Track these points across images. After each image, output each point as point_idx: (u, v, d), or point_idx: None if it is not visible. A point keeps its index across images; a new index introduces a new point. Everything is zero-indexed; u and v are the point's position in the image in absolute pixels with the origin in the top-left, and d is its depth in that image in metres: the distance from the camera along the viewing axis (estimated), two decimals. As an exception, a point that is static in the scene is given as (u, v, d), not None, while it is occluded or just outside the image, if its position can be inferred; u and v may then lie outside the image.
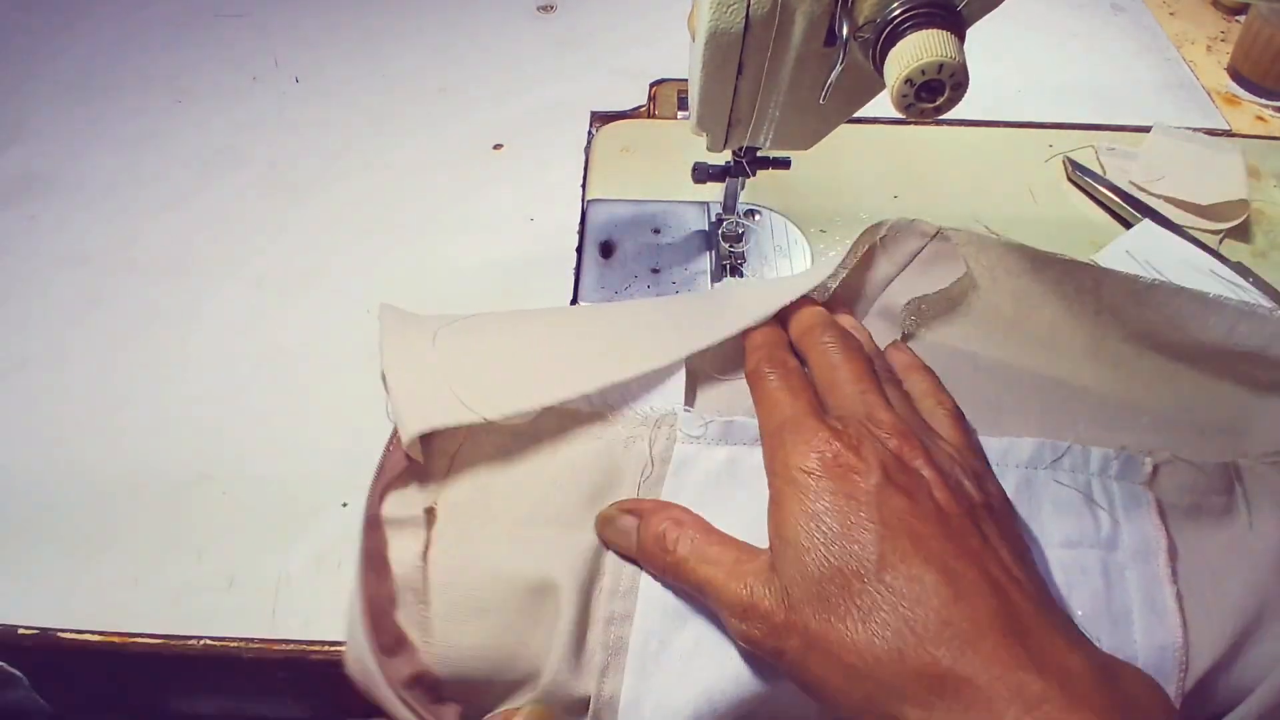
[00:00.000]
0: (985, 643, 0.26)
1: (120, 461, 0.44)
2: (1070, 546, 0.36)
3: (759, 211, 0.55)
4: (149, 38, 0.72)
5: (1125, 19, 0.76)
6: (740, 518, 0.34)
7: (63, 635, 0.38)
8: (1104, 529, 0.36)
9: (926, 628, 0.27)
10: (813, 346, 0.39)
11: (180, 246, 0.55)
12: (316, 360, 0.49)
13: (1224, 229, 0.54)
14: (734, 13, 0.34)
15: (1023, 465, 0.38)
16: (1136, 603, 0.34)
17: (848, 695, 0.28)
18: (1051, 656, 0.26)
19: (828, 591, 0.28)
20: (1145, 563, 0.35)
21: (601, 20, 0.74)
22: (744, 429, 0.38)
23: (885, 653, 0.27)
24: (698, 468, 0.37)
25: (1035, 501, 0.37)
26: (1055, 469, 0.38)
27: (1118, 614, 0.34)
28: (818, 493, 0.31)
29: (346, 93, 0.67)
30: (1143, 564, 0.35)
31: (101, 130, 0.63)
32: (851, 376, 0.37)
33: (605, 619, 0.34)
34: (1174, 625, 0.34)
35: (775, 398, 0.36)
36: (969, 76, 0.31)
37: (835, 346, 0.38)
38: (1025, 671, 0.25)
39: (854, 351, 0.38)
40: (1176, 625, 0.34)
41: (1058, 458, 0.38)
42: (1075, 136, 0.61)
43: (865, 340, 0.42)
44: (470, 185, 0.59)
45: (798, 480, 0.31)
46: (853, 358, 0.38)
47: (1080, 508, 0.37)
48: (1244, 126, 0.64)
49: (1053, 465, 0.38)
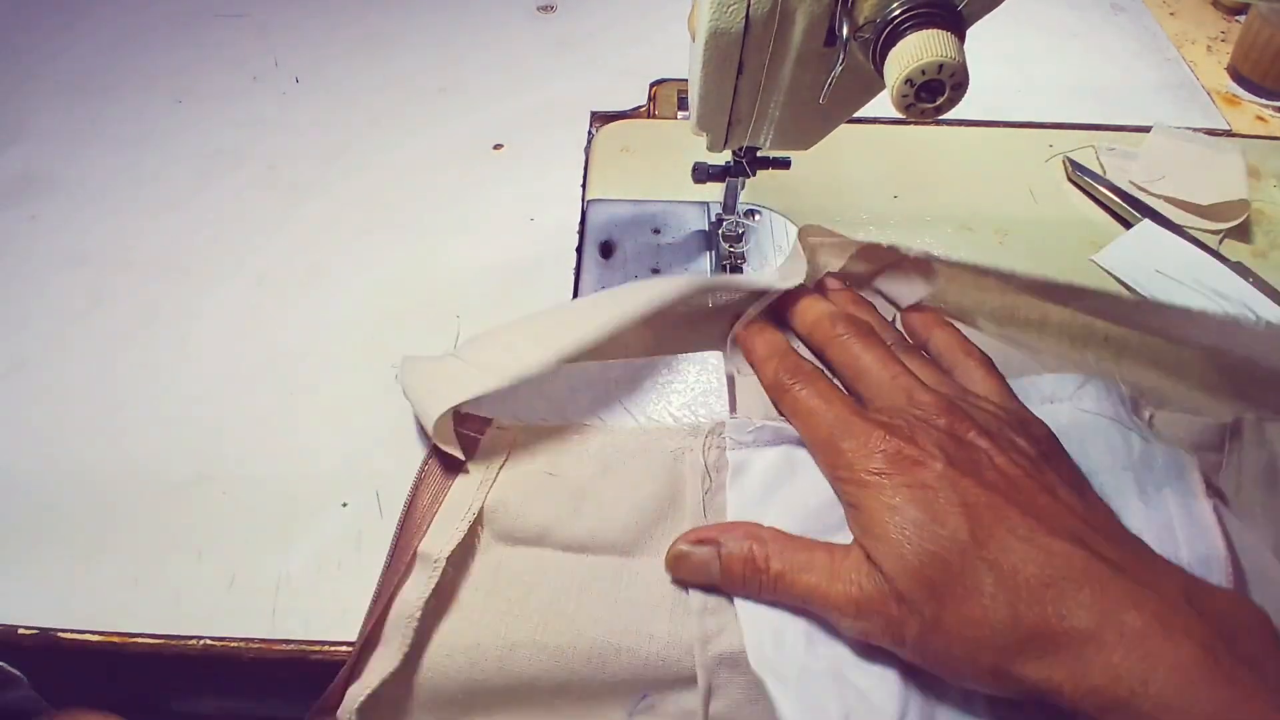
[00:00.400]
0: (1084, 593, 0.28)
1: (120, 461, 0.44)
2: (1106, 471, 0.36)
3: (759, 211, 0.55)
4: (149, 38, 0.72)
5: (1125, 19, 0.76)
6: (808, 509, 0.35)
7: (63, 635, 0.38)
8: (1135, 450, 0.36)
9: (1031, 591, 0.29)
10: (829, 342, 0.39)
11: (180, 246, 0.55)
12: (316, 360, 0.49)
13: (1224, 229, 0.54)
14: (734, 13, 0.34)
15: (1045, 400, 0.38)
16: (1177, 517, 0.34)
17: (973, 665, 0.30)
18: (1143, 590, 0.28)
19: (931, 577, 0.30)
20: (1180, 478, 0.35)
21: (601, 20, 0.74)
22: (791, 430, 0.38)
23: (1000, 620, 0.29)
24: (754, 470, 0.37)
25: (1062, 432, 0.37)
26: (1078, 398, 0.38)
27: (1160, 531, 0.34)
28: (892, 489, 0.32)
29: (346, 93, 0.67)
30: (1177, 479, 0.35)
31: (101, 130, 0.63)
32: (878, 363, 0.37)
33: (701, 639, 0.34)
34: (1215, 538, 0.34)
35: (810, 407, 0.36)
36: (969, 76, 0.31)
37: (850, 336, 0.38)
38: (1124, 611, 0.27)
39: (871, 337, 0.38)
40: (1218, 537, 0.34)
41: (1080, 386, 0.38)
42: (1075, 136, 0.61)
43: (873, 315, 0.42)
44: (470, 185, 0.59)
45: (869, 482, 0.32)
46: (872, 344, 0.38)
47: (1109, 431, 0.37)
48: (1244, 126, 0.64)
49: (1077, 394, 0.38)
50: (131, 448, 0.45)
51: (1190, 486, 0.35)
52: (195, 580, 0.40)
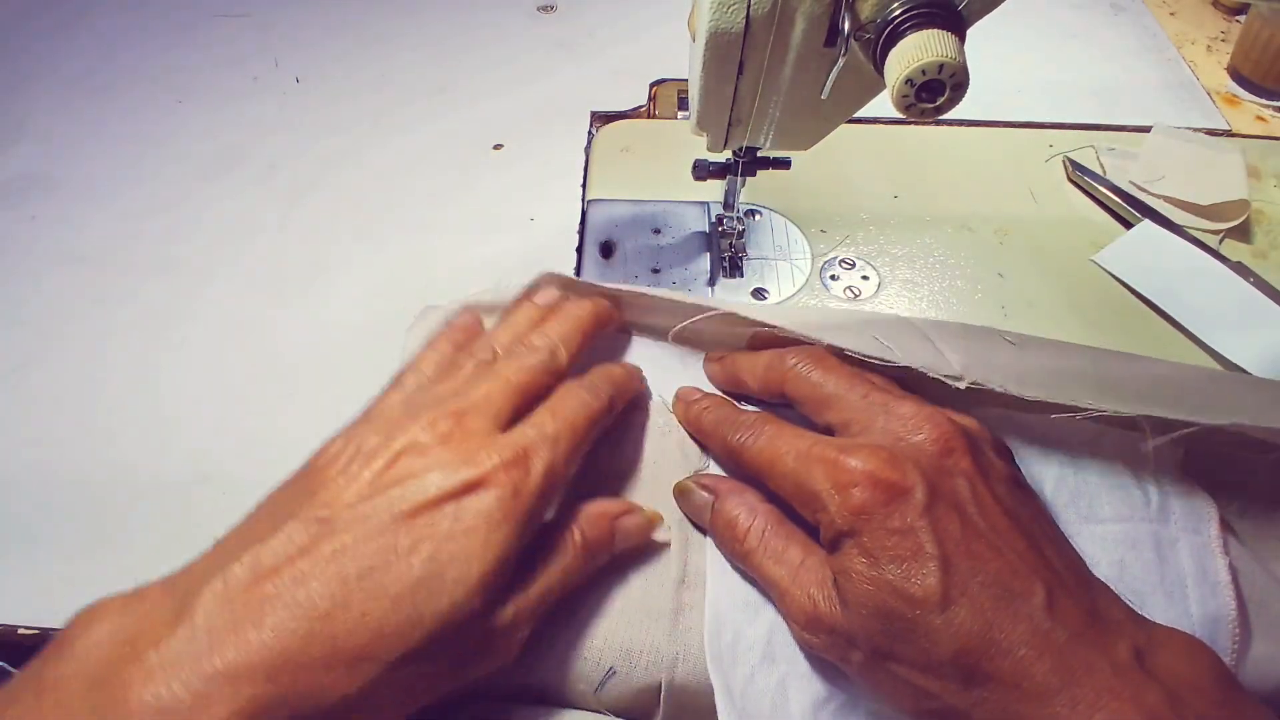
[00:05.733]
0: (1042, 663, 0.27)
1: (120, 461, 0.44)
2: (1121, 520, 0.36)
3: (759, 211, 0.55)
4: (149, 38, 0.72)
5: (1125, 19, 0.76)
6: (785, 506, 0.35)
7: (63, 635, 0.38)
8: (1153, 502, 0.36)
9: (988, 655, 0.28)
10: (784, 379, 0.36)
11: (180, 246, 0.55)
12: (316, 360, 0.49)
13: (1224, 229, 0.54)
14: (734, 13, 0.34)
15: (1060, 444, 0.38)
16: (1190, 574, 0.34)
17: (914, 707, 0.29)
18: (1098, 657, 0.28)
19: (889, 627, 0.29)
20: (1196, 533, 0.35)
21: (601, 20, 0.74)
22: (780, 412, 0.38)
23: (948, 680, 0.28)
24: None
25: (1082, 475, 0.37)
26: (1096, 445, 0.37)
27: (1172, 587, 0.34)
28: (870, 535, 0.29)
29: (346, 93, 0.67)
30: (1194, 535, 0.35)
31: (101, 130, 0.63)
32: (844, 384, 0.34)
33: (674, 610, 0.34)
34: (1227, 598, 0.34)
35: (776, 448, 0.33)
36: (969, 76, 0.31)
37: (807, 364, 0.36)
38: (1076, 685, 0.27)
39: (829, 360, 0.36)
40: (1230, 598, 0.34)
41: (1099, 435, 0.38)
42: (1075, 136, 0.61)
43: None
44: (470, 185, 0.59)
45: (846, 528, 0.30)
46: (832, 366, 0.35)
47: (1127, 481, 0.36)
48: (1244, 126, 0.64)
49: (1093, 443, 0.38)
50: (131, 447, 0.45)
51: (1207, 542, 0.35)
52: (195, 580, 0.39)
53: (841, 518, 0.30)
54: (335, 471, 0.31)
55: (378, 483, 0.30)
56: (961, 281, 0.52)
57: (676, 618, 0.34)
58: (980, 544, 0.29)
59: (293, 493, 0.32)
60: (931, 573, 0.28)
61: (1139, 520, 0.36)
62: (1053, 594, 0.29)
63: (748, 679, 0.32)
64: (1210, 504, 0.36)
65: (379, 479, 0.30)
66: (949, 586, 0.28)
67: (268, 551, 0.28)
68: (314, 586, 0.27)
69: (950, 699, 0.28)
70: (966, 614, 0.28)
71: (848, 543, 0.30)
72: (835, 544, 0.31)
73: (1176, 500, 0.36)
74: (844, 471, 0.30)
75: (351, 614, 0.27)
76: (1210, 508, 0.36)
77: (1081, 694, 0.27)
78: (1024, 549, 0.30)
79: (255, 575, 0.28)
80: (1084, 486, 0.36)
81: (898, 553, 0.29)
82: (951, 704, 0.28)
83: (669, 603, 0.34)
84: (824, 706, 0.32)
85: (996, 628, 0.28)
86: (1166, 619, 0.32)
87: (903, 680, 0.29)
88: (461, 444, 0.31)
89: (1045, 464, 0.37)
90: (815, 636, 0.31)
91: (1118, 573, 0.34)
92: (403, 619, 0.28)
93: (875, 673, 0.30)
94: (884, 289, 0.52)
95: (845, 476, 0.30)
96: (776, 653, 0.32)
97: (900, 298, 0.51)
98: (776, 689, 0.32)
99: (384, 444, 0.31)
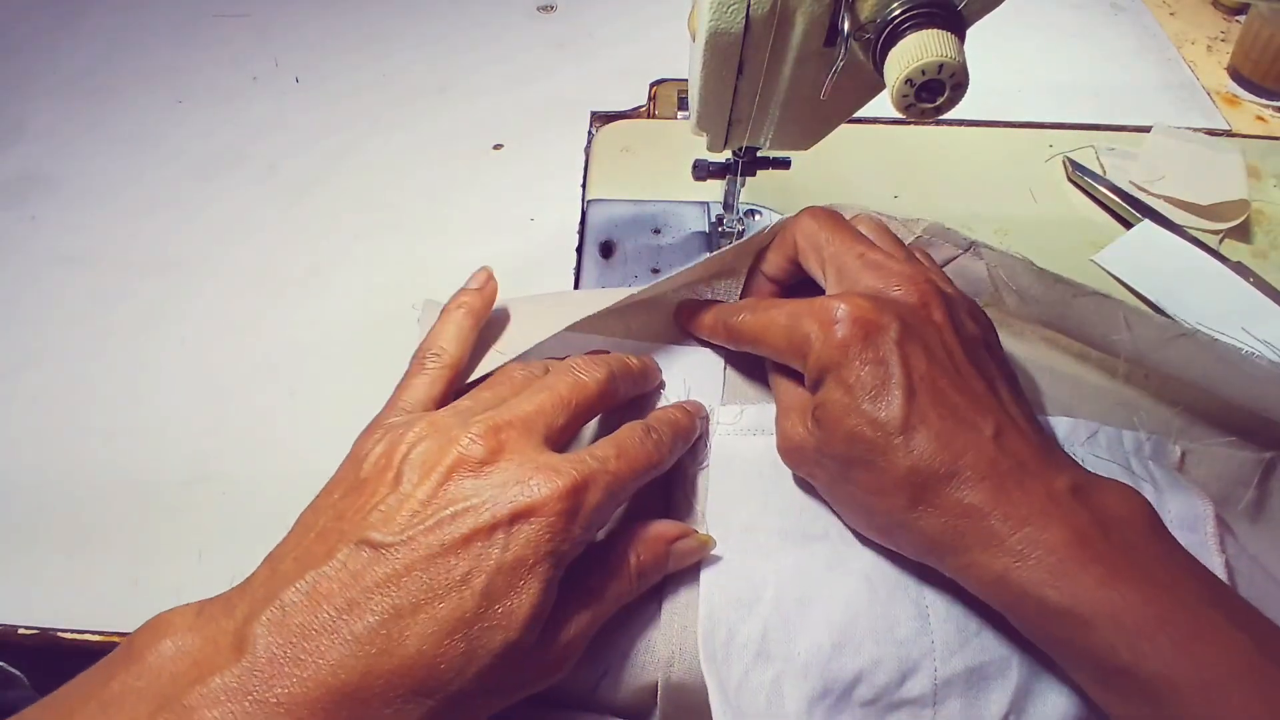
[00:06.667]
0: (983, 484, 0.31)
1: (120, 461, 0.44)
2: None
3: (759, 211, 0.55)
4: (149, 38, 0.72)
5: (1125, 19, 0.76)
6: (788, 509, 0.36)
7: (63, 635, 0.38)
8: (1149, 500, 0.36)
9: (937, 477, 0.31)
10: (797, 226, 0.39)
11: (180, 246, 0.55)
12: (317, 360, 0.49)
13: (1224, 229, 0.54)
14: (734, 13, 0.34)
15: (1060, 442, 0.38)
16: None
17: (868, 523, 0.34)
18: (1035, 482, 0.31)
19: (856, 450, 0.32)
20: (1193, 532, 0.35)
21: (601, 20, 0.74)
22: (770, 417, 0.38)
23: (900, 494, 0.32)
24: (739, 458, 0.38)
25: None
26: (1092, 445, 0.38)
27: None
28: (849, 364, 0.33)
29: (346, 93, 0.67)
30: (1190, 533, 0.35)
31: (101, 130, 0.63)
32: (844, 246, 0.37)
33: (669, 609, 0.34)
34: None
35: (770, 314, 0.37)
36: (969, 76, 0.31)
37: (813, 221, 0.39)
38: (1011, 504, 0.30)
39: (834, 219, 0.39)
40: None
41: (1092, 435, 0.38)
42: (1075, 136, 0.61)
43: None
44: (470, 185, 0.59)
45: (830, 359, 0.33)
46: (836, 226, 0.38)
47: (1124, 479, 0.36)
48: (1244, 126, 0.64)
49: (1089, 442, 0.38)
50: (131, 447, 0.45)
51: (1203, 540, 0.35)
52: (195, 580, 0.39)
53: (825, 353, 0.33)
54: (385, 487, 0.31)
55: (430, 503, 0.30)
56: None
57: (672, 617, 0.34)
58: (943, 380, 0.33)
59: (344, 504, 0.31)
60: (897, 399, 0.32)
61: None
62: (1002, 430, 0.32)
63: (742, 677, 0.32)
64: (1207, 503, 0.36)
65: (432, 500, 0.30)
66: (909, 413, 0.32)
67: (322, 578, 0.28)
68: (369, 619, 0.28)
69: (899, 515, 0.32)
70: (922, 438, 0.31)
71: (829, 377, 0.34)
72: (818, 383, 0.34)
73: (1172, 499, 0.36)
74: (829, 314, 0.34)
75: (407, 649, 0.27)
76: (1207, 507, 0.36)
77: (1014, 511, 0.30)
78: (982, 391, 0.33)
79: (311, 601, 0.28)
80: None
81: (870, 381, 0.32)
82: (900, 519, 0.32)
83: (664, 602, 0.34)
84: (818, 703, 0.32)
85: (947, 450, 0.31)
86: None
87: (856, 499, 0.34)
88: (516, 462, 0.31)
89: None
90: (789, 457, 0.36)
91: None
92: (457, 655, 0.28)
93: (835, 490, 0.35)
94: (884, 289, 0.52)
95: (830, 317, 0.34)
96: (771, 650, 0.32)
97: (900, 298, 0.51)
98: (771, 686, 0.32)
99: (436, 456, 0.31)
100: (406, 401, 0.35)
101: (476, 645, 0.28)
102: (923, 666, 0.32)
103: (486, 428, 0.31)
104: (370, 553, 0.29)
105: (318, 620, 0.27)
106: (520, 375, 0.36)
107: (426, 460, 0.31)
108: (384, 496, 0.30)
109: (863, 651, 0.32)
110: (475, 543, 0.29)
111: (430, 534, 0.29)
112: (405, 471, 0.31)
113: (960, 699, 0.32)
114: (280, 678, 0.26)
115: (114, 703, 0.26)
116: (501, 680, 0.29)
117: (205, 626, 0.28)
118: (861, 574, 0.34)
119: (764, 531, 0.36)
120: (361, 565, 0.29)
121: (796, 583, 0.34)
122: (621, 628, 0.34)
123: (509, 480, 0.30)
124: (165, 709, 0.26)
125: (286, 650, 0.27)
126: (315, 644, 0.27)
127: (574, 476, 0.31)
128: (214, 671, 0.26)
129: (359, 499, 0.31)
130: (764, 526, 0.36)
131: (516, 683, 0.30)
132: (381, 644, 0.27)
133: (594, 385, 0.35)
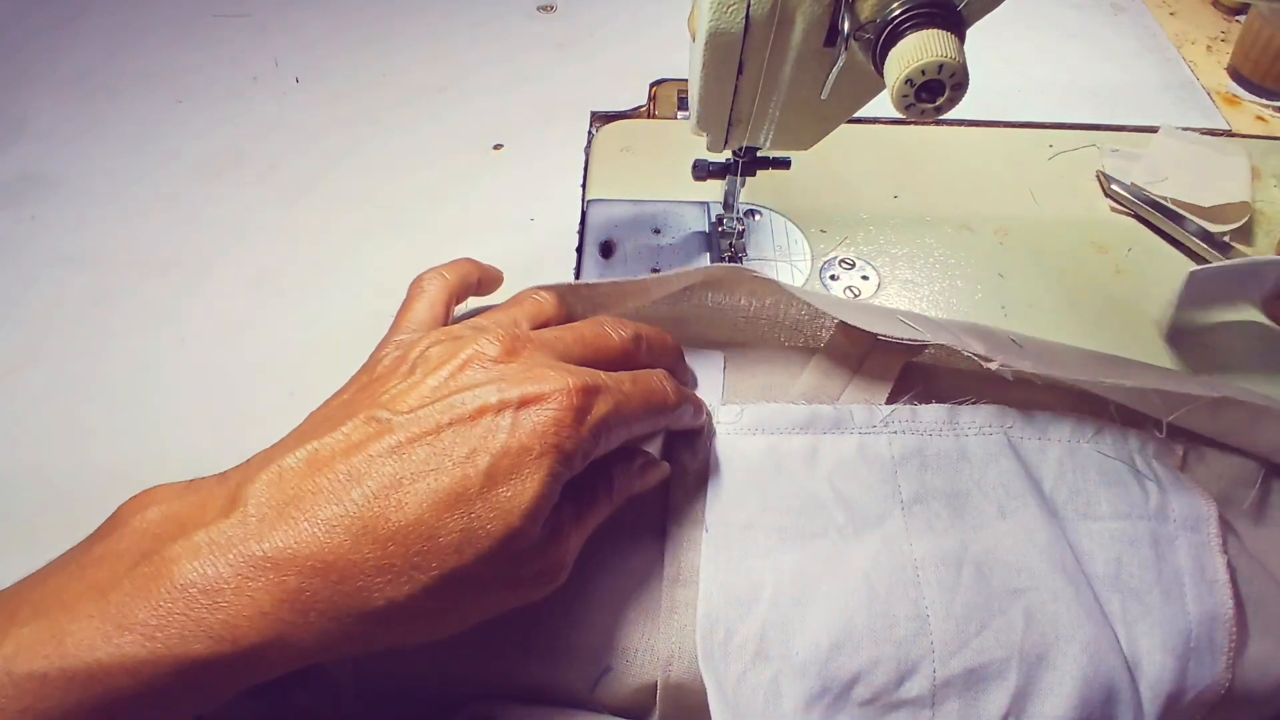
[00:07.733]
0: None
1: (121, 461, 0.44)
2: (1120, 518, 0.36)
3: (759, 211, 0.55)
4: (149, 38, 0.72)
5: (1125, 19, 0.76)
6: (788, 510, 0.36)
7: (62, 635, 0.38)
8: (1152, 500, 0.36)
9: None
10: None
11: (179, 246, 0.55)
12: (316, 360, 0.48)
13: (1227, 231, 0.54)
14: (734, 13, 0.34)
15: (1064, 439, 0.38)
16: (1188, 572, 0.34)
17: None
18: None
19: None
20: (1195, 532, 0.35)
21: (601, 20, 0.74)
22: (779, 415, 0.38)
23: None
24: (739, 457, 0.38)
25: (1081, 471, 0.37)
26: (1097, 442, 0.38)
27: (1169, 584, 0.34)
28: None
29: (346, 93, 0.67)
30: (1192, 533, 0.35)
31: (101, 130, 0.63)
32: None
33: (668, 609, 0.34)
34: (1225, 596, 0.34)
35: None
36: (969, 76, 0.31)
37: None
38: None
39: None
40: (1227, 596, 0.34)
41: (1097, 432, 0.38)
42: (1075, 136, 0.61)
43: None
44: (470, 185, 0.59)
45: None
46: None
47: (1127, 479, 0.37)
48: (1244, 126, 0.64)
49: (1094, 439, 0.38)
50: (131, 447, 0.45)
51: (1206, 540, 0.35)
52: (195, 580, 0.39)
53: None
54: (398, 378, 0.31)
55: (442, 388, 0.30)
56: (961, 281, 0.52)
57: (671, 616, 0.34)
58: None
59: (352, 395, 0.31)
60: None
61: (1137, 518, 0.36)
62: None
63: (740, 677, 0.32)
64: (1210, 503, 0.36)
65: (444, 385, 0.30)
66: None
67: (324, 446, 0.28)
68: (368, 485, 0.27)
69: None
70: None
71: None
72: None
73: (1176, 498, 0.36)
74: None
75: (405, 515, 0.27)
76: (1210, 506, 0.36)
77: None
78: None
79: (310, 467, 0.27)
80: (1082, 483, 0.37)
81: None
82: None
83: (663, 601, 0.34)
84: (816, 703, 0.31)
85: None
86: (1163, 617, 0.33)
87: None
88: (529, 363, 0.30)
89: (1044, 460, 0.37)
90: None
91: (1114, 570, 0.34)
92: (456, 531, 0.27)
93: None
94: (884, 289, 0.52)
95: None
96: (769, 650, 0.32)
97: (900, 298, 0.51)
98: (769, 686, 0.32)
99: (452, 351, 0.31)
100: (411, 322, 0.35)
101: (476, 525, 0.27)
102: (921, 667, 0.32)
103: (505, 334, 0.32)
104: (376, 425, 0.28)
105: (315, 484, 0.27)
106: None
107: (442, 355, 0.31)
108: (395, 385, 0.30)
109: (861, 651, 0.32)
110: (483, 419, 0.28)
111: (438, 411, 0.29)
112: (419, 365, 0.31)
113: (959, 700, 0.32)
114: (269, 534, 0.26)
115: (93, 564, 0.26)
116: (499, 573, 0.28)
117: (195, 493, 0.28)
118: (861, 574, 0.34)
119: (763, 531, 0.35)
120: (366, 436, 0.28)
121: (795, 582, 0.34)
122: (621, 627, 0.34)
123: (521, 374, 0.30)
124: (144, 562, 0.25)
125: (279, 510, 0.26)
126: (309, 503, 0.26)
127: (587, 380, 0.30)
128: (200, 527, 0.26)
129: (369, 392, 0.31)
130: (763, 526, 0.36)
131: (513, 580, 0.29)
132: (379, 508, 0.26)
133: (617, 339, 0.35)
